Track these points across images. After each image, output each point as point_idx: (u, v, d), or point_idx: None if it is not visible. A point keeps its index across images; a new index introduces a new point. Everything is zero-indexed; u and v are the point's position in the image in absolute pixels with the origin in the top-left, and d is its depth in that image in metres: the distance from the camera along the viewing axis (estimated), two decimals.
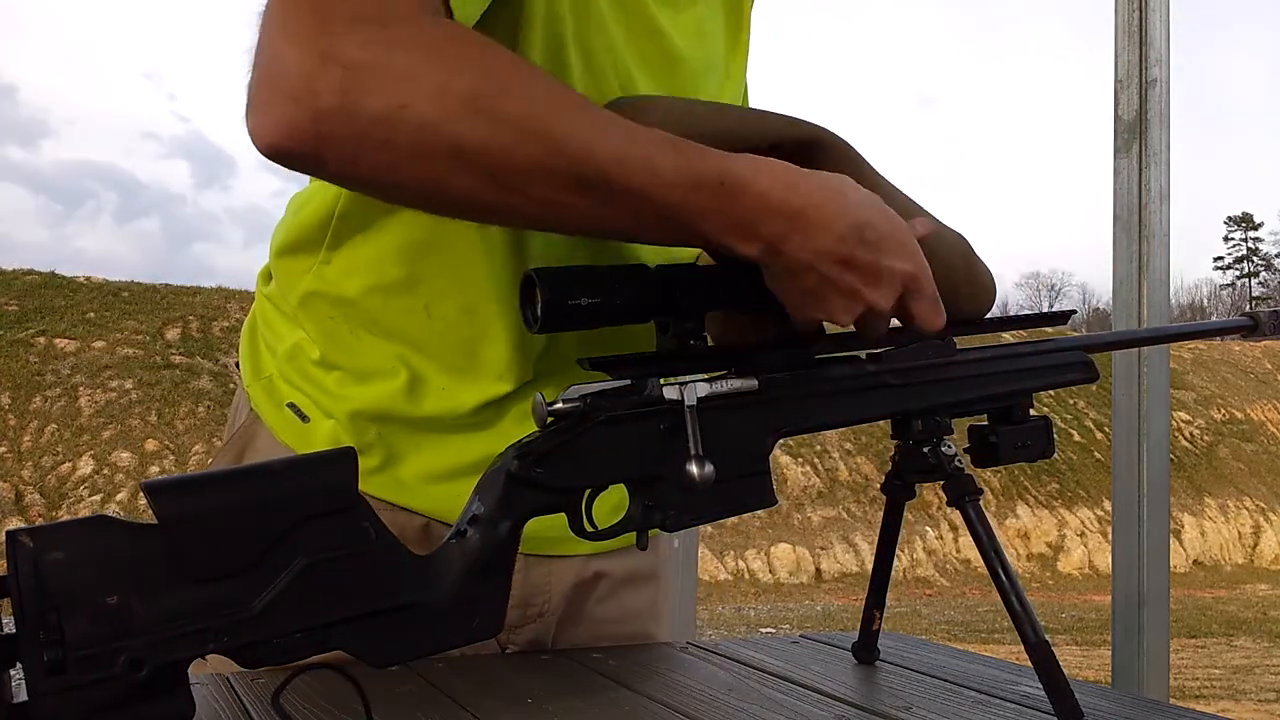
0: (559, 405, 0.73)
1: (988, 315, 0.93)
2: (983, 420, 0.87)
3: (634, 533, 0.76)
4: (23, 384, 14.99)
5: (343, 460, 0.63)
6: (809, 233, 0.70)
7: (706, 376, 0.76)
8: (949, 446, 0.83)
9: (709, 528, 13.28)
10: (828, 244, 0.70)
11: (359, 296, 0.86)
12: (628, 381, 0.75)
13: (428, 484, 0.91)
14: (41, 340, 15.68)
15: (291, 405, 0.90)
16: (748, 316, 0.81)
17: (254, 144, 0.61)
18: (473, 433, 0.90)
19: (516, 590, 0.94)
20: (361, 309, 0.87)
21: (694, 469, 0.71)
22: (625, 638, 1.04)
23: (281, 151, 0.61)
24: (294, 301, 0.90)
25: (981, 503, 0.82)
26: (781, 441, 0.82)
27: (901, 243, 0.74)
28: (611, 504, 0.78)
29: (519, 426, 0.88)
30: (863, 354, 0.83)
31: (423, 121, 0.60)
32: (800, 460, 16.87)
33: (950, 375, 0.84)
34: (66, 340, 15.78)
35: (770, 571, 15.01)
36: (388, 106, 0.60)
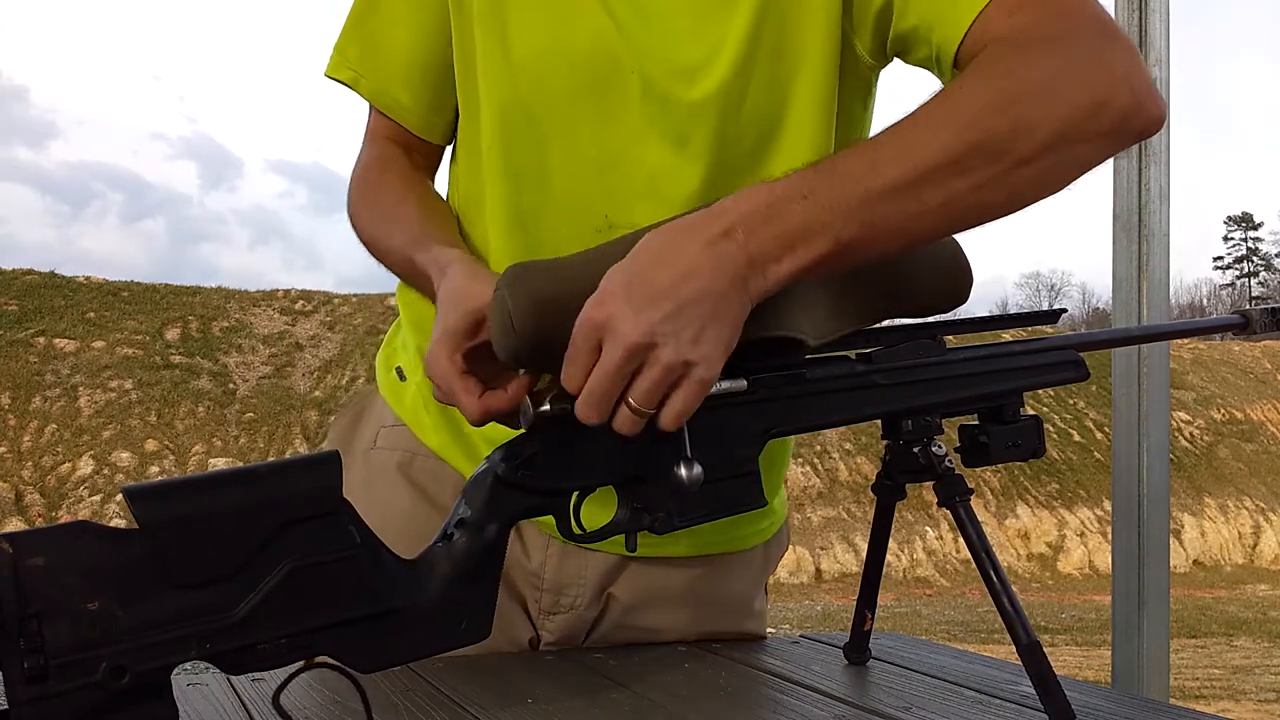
0: (547, 407, 0.72)
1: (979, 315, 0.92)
2: (973, 420, 0.86)
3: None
4: (23, 384, 15.00)
5: (326, 464, 0.63)
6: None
7: None
8: (939, 446, 0.82)
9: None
10: None
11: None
12: None
13: (487, 445, 0.93)
14: (41, 340, 15.69)
15: (398, 368, 1.05)
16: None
17: None
18: None
19: (550, 576, 0.99)
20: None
21: (683, 470, 0.71)
22: (666, 644, 1.04)
23: None
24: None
25: (978, 503, 0.81)
26: None
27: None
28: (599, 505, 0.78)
29: None
30: (852, 354, 0.82)
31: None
32: (800, 460, 16.86)
33: (940, 375, 0.83)
34: (66, 340, 15.80)
35: None
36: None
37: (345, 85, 1.03)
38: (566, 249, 0.79)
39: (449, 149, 1.06)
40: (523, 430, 0.73)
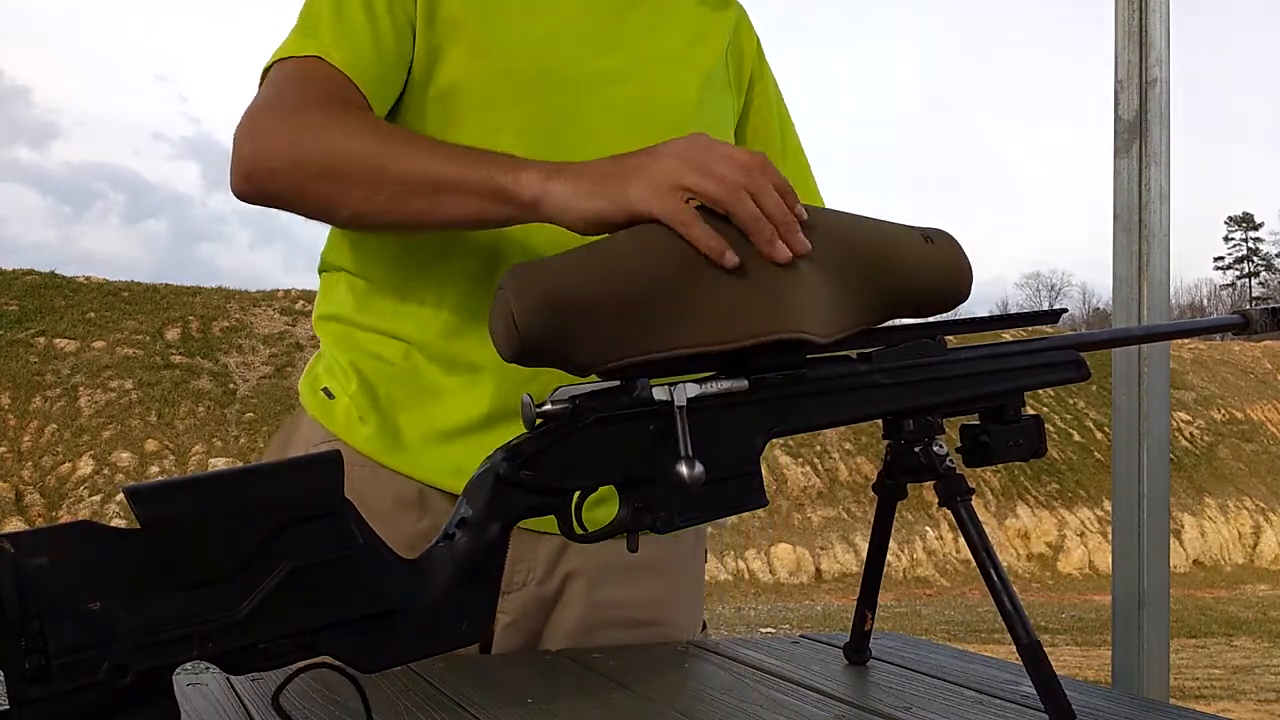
0: (548, 406, 0.72)
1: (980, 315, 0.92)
2: (974, 419, 0.86)
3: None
4: (23, 384, 14.99)
5: (328, 464, 0.63)
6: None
7: (696, 377, 0.76)
8: (940, 446, 0.82)
9: (709, 528, 13.27)
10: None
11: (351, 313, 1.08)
12: (617, 382, 0.75)
13: (427, 445, 1.01)
14: (41, 340, 15.68)
15: (325, 389, 1.07)
16: None
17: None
18: (469, 389, 1.01)
19: None
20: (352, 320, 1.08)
21: (684, 470, 0.71)
22: (630, 625, 1.07)
23: (240, 191, 0.96)
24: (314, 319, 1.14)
25: (978, 503, 0.81)
26: (781, 441, 0.82)
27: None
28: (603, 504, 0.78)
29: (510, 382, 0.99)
30: (853, 354, 0.83)
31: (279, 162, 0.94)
32: (800, 460, 16.87)
33: (942, 375, 0.84)
34: (66, 340, 15.79)
35: (770, 571, 15.01)
36: (267, 152, 0.94)
37: (304, 57, 0.97)
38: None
39: None
40: (525, 430, 0.74)
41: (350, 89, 0.97)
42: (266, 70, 1.00)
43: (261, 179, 0.94)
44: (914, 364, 0.83)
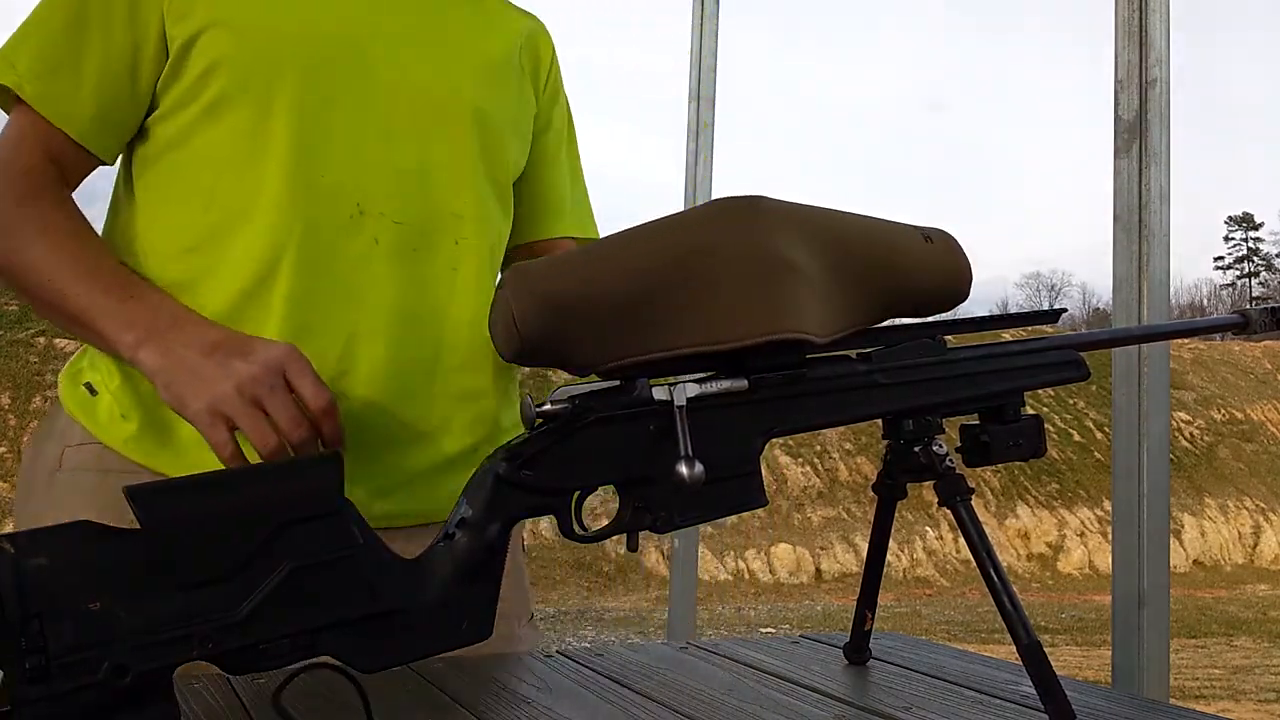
0: (548, 406, 0.72)
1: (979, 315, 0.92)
2: (974, 419, 0.86)
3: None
4: (23, 384, 15.00)
5: (328, 464, 0.63)
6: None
7: (696, 377, 0.76)
8: (940, 446, 0.83)
9: (709, 528, 13.29)
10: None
11: None
12: (617, 382, 0.75)
13: (197, 443, 0.94)
14: (41, 340, 15.69)
15: (87, 384, 1.02)
16: None
17: None
18: None
19: None
20: None
21: (684, 470, 0.71)
22: None
23: None
24: None
25: (978, 503, 0.81)
26: (781, 441, 0.82)
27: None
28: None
29: None
30: (853, 354, 0.83)
31: None
32: (800, 460, 16.87)
33: (941, 374, 0.84)
34: (67, 340, 15.78)
35: (770, 571, 15.01)
36: None
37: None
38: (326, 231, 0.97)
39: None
40: (524, 430, 0.74)
41: (58, 148, 1.00)
42: None
43: None
44: (914, 364, 0.83)
